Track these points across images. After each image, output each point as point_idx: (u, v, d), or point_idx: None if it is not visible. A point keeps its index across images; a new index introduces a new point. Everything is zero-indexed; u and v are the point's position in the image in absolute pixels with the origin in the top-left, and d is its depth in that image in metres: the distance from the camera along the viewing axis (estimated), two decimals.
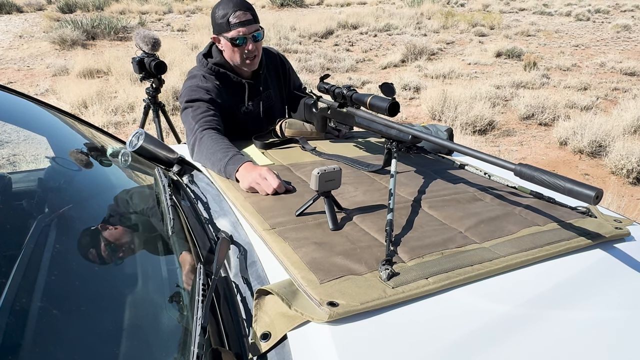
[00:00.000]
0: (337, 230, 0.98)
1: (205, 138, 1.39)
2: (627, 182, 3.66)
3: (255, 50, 1.55)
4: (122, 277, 0.82)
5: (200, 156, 1.39)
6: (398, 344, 0.69)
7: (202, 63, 1.60)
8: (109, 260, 0.83)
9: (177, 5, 15.40)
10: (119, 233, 0.92)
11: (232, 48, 1.52)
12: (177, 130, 3.27)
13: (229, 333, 0.78)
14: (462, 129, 4.72)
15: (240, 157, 1.29)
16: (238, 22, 1.48)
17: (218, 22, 1.51)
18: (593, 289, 0.85)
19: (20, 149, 1.46)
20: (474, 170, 1.31)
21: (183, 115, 1.52)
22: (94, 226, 0.90)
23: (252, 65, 1.59)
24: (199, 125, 1.43)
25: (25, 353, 0.56)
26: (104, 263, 0.82)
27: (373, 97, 1.27)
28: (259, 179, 1.17)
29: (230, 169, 1.26)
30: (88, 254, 0.81)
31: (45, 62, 7.57)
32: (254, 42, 1.52)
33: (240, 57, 1.55)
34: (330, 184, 0.99)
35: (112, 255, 0.85)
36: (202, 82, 1.55)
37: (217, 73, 1.58)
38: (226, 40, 1.52)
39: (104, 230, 0.89)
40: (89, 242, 0.84)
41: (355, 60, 8.11)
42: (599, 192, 0.81)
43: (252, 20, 1.51)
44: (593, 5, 16.28)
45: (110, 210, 1.02)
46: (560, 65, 7.91)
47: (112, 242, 0.89)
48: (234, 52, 1.54)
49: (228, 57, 1.57)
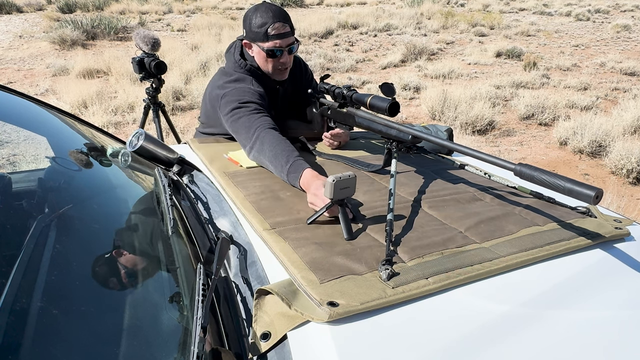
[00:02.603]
0: (352, 240, 0.94)
1: (268, 137, 1.32)
2: (627, 182, 3.66)
3: (288, 62, 1.54)
4: (122, 277, 0.82)
5: (262, 158, 1.32)
6: (398, 343, 0.69)
7: (239, 64, 1.55)
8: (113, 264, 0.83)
9: (177, 5, 15.40)
10: (120, 234, 0.92)
11: (266, 58, 1.50)
12: (177, 130, 3.27)
13: (229, 333, 0.78)
14: (462, 129, 4.72)
15: (300, 163, 1.22)
16: (276, 34, 1.44)
17: (254, 30, 1.46)
18: (593, 289, 0.85)
19: (20, 149, 1.46)
20: (474, 170, 1.31)
21: (233, 114, 1.44)
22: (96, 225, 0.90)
23: (283, 76, 1.58)
24: (259, 123, 1.37)
25: (25, 353, 0.56)
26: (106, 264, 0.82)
27: (373, 97, 1.27)
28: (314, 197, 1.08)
29: (292, 177, 1.21)
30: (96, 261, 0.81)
31: (45, 62, 7.57)
32: (288, 55, 1.51)
33: (274, 67, 1.53)
34: (345, 191, 0.96)
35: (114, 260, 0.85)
36: (252, 86, 1.52)
37: (255, 75, 1.56)
38: (260, 49, 1.49)
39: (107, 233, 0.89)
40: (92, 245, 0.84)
41: (355, 60, 8.10)
42: (598, 192, 0.81)
43: (290, 33, 1.48)
44: (593, 5, 16.28)
45: (110, 211, 1.02)
46: (560, 65, 7.91)
47: (113, 243, 0.89)
48: (267, 62, 1.52)
49: (259, 65, 1.55)
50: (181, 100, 5.66)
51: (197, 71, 6.64)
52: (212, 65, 6.85)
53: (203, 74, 6.57)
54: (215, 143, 1.56)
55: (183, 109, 5.38)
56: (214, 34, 9.90)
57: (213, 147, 1.51)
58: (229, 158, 1.41)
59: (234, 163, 1.38)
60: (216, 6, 16.43)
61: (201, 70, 6.75)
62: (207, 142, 1.57)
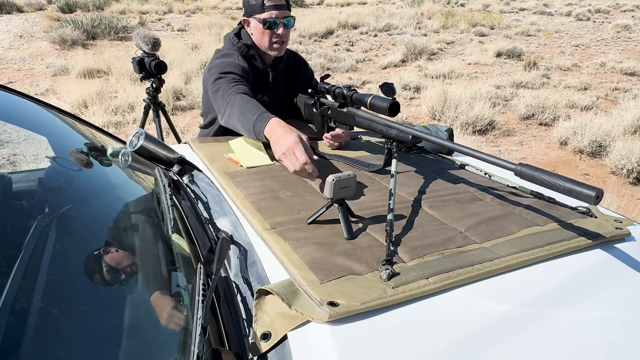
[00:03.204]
0: (352, 239, 0.95)
1: (238, 99, 1.37)
2: (627, 182, 3.66)
3: (284, 36, 1.60)
4: (122, 277, 0.82)
5: (232, 118, 1.35)
6: (398, 344, 0.69)
7: (232, 42, 1.64)
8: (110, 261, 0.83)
9: (177, 5, 15.40)
10: (119, 234, 0.92)
11: (263, 30, 1.57)
12: (177, 130, 3.27)
13: (229, 333, 0.78)
14: (462, 129, 4.72)
15: (267, 115, 1.24)
16: (272, 4, 1.53)
17: (251, 4, 1.55)
18: (593, 289, 0.85)
19: (20, 149, 1.46)
20: (474, 170, 1.31)
21: (214, 85, 1.49)
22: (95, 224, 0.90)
23: (280, 50, 1.63)
24: (232, 90, 1.42)
25: (25, 353, 0.56)
26: (104, 263, 0.82)
27: (373, 97, 1.27)
28: (288, 152, 1.12)
29: (258, 127, 1.22)
30: (90, 258, 0.81)
31: (45, 62, 7.57)
32: (284, 28, 1.58)
33: (269, 40, 1.59)
34: (345, 191, 0.96)
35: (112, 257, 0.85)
36: (237, 61, 1.59)
37: (246, 55, 1.63)
38: (257, 21, 1.56)
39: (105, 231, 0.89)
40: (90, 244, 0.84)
41: (355, 60, 8.11)
42: (599, 192, 0.81)
43: (286, 7, 1.57)
44: (593, 5, 16.29)
45: (110, 211, 1.02)
46: (560, 65, 7.91)
47: (113, 242, 0.89)
48: (263, 35, 1.58)
49: (256, 40, 1.61)
50: (181, 100, 5.66)
51: (197, 71, 6.65)
52: None
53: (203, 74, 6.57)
54: (215, 143, 1.56)
55: (183, 109, 5.38)
56: (214, 33, 9.90)
57: (213, 147, 1.51)
58: (229, 158, 1.41)
59: (234, 163, 1.38)
60: (216, 6, 16.44)
61: (201, 70, 6.76)
62: (207, 142, 1.57)
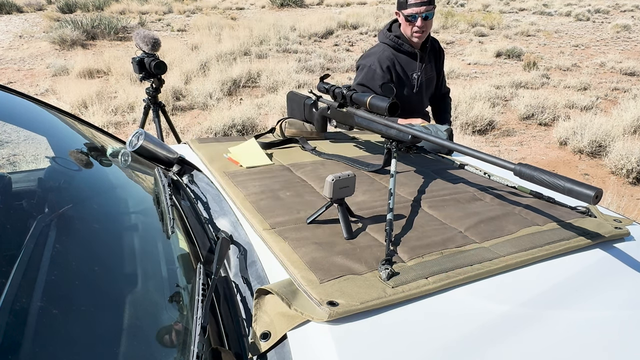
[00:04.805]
0: (352, 239, 0.95)
1: None
2: (627, 182, 3.66)
3: (423, 27, 1.91)
4: (122, 277, 0.82)
5: None
6: (398, 343, 0.69)
7: (384, 34, 2.03)
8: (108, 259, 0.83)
9: (177, 5, 15.40)
10: (119, 234, 0.92)
11: (406, 23, 1.93)
12: (177, 130, 3.27)
13: (229, 333, 0.78)
14: (462, 129, 4.72)
15: None
16: (414, 2, 1.85)
17: (400, 1, 1.91)
18: (593, 289, 0.85)
19: (20, 149, 1.46)
20: (474, 170, 1.31)
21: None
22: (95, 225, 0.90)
23: (419, 39, 1.96)
24: None
25: (25, 353, 0.56)
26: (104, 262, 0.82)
27: (373, 97, 1.27)
28: None
29: None
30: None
31: (45, 62, 7.57)
32: (423, 20, 1.88)
33: (411, 31, 1.94)
34: (344, 190, 0.96)
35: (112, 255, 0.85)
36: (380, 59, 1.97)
37: (396, 44, 2.00)
38: (402, 16, 1.92)
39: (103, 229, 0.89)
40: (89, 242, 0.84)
41: (355, 60, 8.10)
42: (598, 191, 0.81)
43: (428, 2, 1.85)
44: (593, 5, 16.29)
45: (110, 211, 1.02)
46: (560, 65, 7.91)
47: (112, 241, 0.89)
48: (406, 26, 1.94)
49: (402, 30, 1.97)
50: (181, 100, 5.66)
51: (197, 71, 6.65)
52: (212, 65, 6.85)
53: (203, 74, 6.57)
54: (215, 143, 1.56)
55: (183, 109, 5.38)
56: (214, 34, 9.90)
57: (213, 147, 1.51)
58: (229, 158, 1.41)
59: (234, 163, 1.38)
60: (216, 6, 16.43)
61: (201, 70, 6.76)
62: (207, 142, 1.57)
